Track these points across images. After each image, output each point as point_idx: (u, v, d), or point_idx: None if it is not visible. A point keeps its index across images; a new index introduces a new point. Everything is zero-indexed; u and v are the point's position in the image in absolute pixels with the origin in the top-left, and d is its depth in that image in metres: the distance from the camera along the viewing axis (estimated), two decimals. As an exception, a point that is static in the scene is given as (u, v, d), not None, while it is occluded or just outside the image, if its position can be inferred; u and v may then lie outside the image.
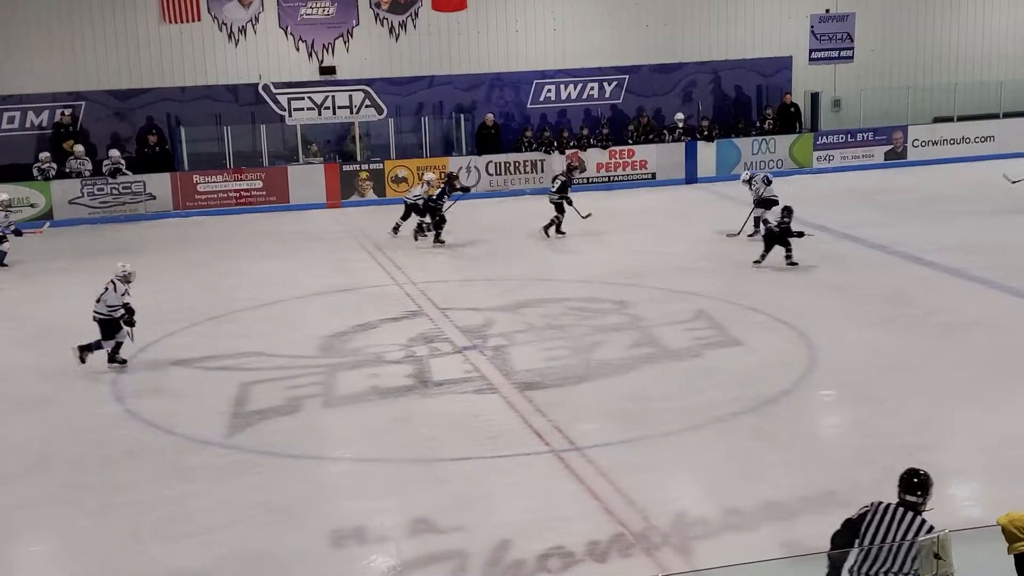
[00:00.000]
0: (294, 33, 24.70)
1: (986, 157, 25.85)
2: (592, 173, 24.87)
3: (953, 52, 28.04)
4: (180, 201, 23.28)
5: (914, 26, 27.75)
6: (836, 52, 27.04)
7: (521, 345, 13.57)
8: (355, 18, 24.94)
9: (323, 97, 24.75)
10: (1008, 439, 10.17)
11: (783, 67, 26.79)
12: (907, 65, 27.72)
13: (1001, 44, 28.22)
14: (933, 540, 4.63)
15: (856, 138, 26.10)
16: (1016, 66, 28.05)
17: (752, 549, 8.04)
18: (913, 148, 26.18)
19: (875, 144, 26.22)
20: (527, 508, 9.10)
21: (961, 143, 26.44)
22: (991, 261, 16.52)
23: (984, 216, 19.96)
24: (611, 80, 25.99)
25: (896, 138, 26.21)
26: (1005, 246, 17.50)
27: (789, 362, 12.57)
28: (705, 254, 18.19)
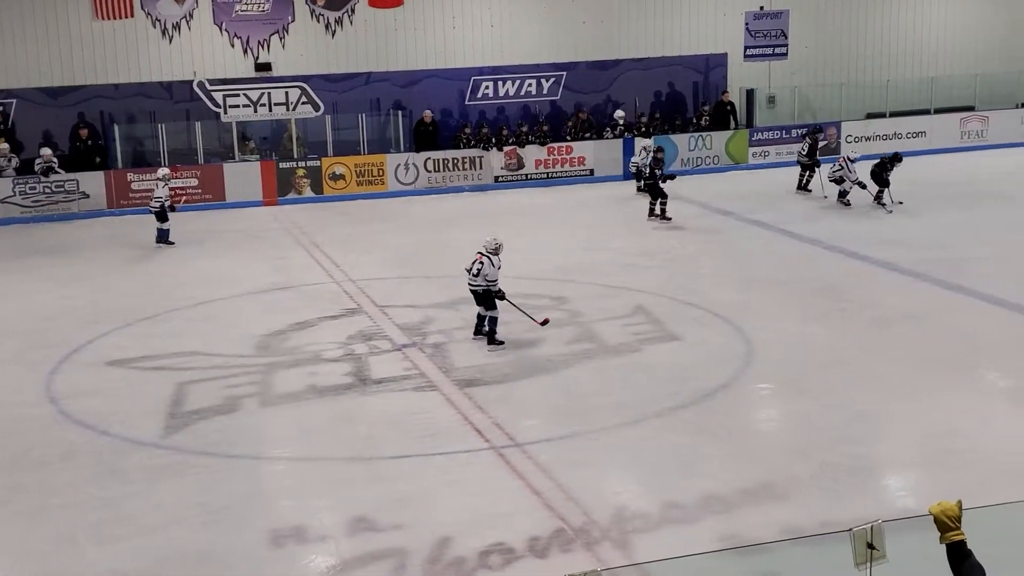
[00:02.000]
0: (229, 30, 24.46)
1: (918, 152, 26.22)
2: (531, 169, 24.89)
3: (885, 49, 28.44)
4: (114, 200, 22.96)
5: (846, 23, 28.11)
6: (771, 49, 27.31)
7: (460, 342, 13.56)
8: (291, 14, 24.75)
9: (259, 94, 24.52)
10: (940, 431, 10.34)
11: (719, 64, 27.02)
12: (840, 62, 28.07)
13: (931, 41, 28.67)
14: (866, 529, 4.69)
15: (791, 134, 26.37)
16: (946, 62, 28.51)
17: (691, 542, 8.11)
18: (847, 144, 26.50)
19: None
20: (467, 505, 9.10)
21: (893, 139, 26.82)
22: (923, 255, 16.79)
23: (916, 210, 20.27)
24: (549, 77, 26.04)
25: (830, 134, 26.52)
26: (936, 240, 17.79)
27: (726, 356, 12.68)
28: (643, 250, 18.29)
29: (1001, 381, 11.95)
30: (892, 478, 9.74)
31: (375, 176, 24.12)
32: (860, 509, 8.14)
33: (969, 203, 20.68)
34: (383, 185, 24.14)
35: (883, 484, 9.59)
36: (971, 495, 8.32)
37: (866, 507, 8.20)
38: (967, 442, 10.05)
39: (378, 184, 24.12)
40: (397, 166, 24.18)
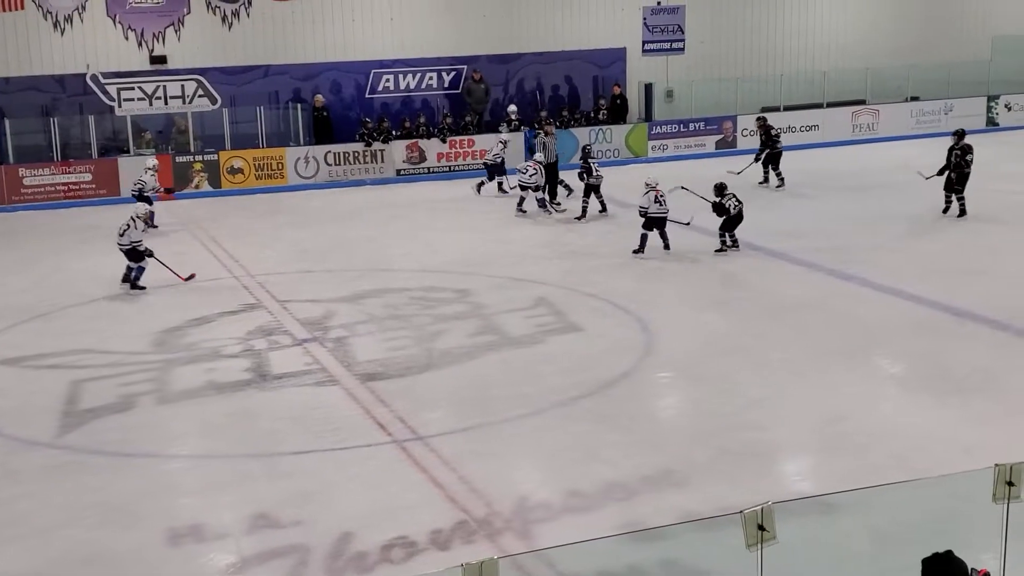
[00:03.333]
0: (123, 22, 23.96)
1: (811, 145, 26.80)
2: (432, 163, 24.85)
3: (778, 44, 28.97)
4: (5, 195, 22.36)
5: (741, 19, 28.57)
6: (668, 44, 27.59)
7: (362, 336, 13.49)
8: (186, 6, 24.33)
9: (154, 87, 24.09)
10: (833, 415, 10.58)
11: (617, 58, 27.27)
12: (735, 57, 28.53)
13: (823, 36, 29.28)
14: (757, 512, 4.78)
15: (689, 128, 26.73)
16: (837, 57, 29.12)
17: (593, 529, 8.19)
18: (743, 137, 26.94)
19: (707, 134, 26.91)
20: (369, 499, 9.07)
21: (788, 132, 27.27)
22: (815, 244, 17.14)
23: (809, 202, 20.69)
24: (450, 70, 26.02)
25: (726, 128, 26.94)
26: (828, 230, 18.17)
27: (627, 346, 12.81)
28: (544, 242, 18.38)
29: (891, 367, 12.28)
30: (787, 462, 9.94)
31: (274, 170, 23.86)
32: (756, 493, 8.28)
33: (860, 194, 21.16)
34: (283, 179, 23.90)
35: (778, 468, 9.78)
36: (862, 477, 8.57)
37: (762, 491, 8.34)
38: (858, 426, 10.30)
39: (277, 178, 23.86)
40: (297, 159, 23.95)
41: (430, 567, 7.85)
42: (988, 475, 5.76)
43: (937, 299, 14.05)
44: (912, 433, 10.08)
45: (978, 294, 14.17)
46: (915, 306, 14.00)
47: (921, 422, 10.37)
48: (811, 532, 6.96)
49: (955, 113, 28.45)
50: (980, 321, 13.22)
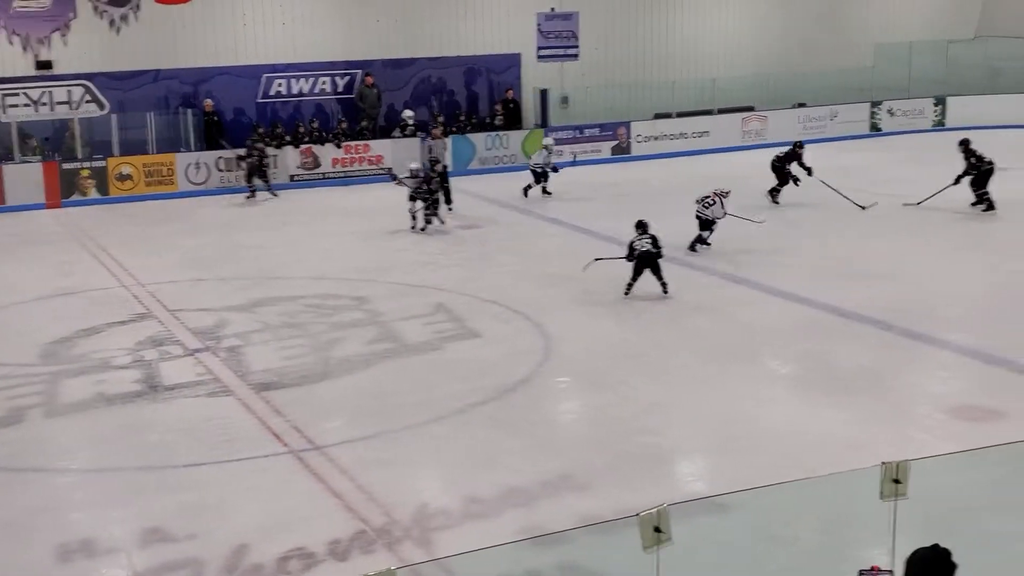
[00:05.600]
0: (7, 26, 23.25)
1: (703, 151, 27.21)
2: (327, 169, 24.62)
3: (670, 51, 29.33)
4: None
5: (633, 26, 28.86)
6: (562, 50, 27.77)
7: (257, 345, 13.31)
8: (72, 11, 23.71)
9: (40, 93, 23.42)
10: (727, 417, 10.75)
11: (512, 64, 27.35)
12: (629, 63, 28.80)
13: (713, 43, 29.72)
14: (652, 514, 4.83)
15: (584, 133, 26.92)
16: (727, 64, 29.57)
17: (493, 535, 8.18)
18: (637, 143, 27.24)
19: (602, 139, 27.12)
20: (265, 511, 8.94)
21: (680, 138, 27.72)
22: (710, 250, 17.39)
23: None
24: (344, 74, 25.82)
25: (620, 133, 27.20)
26: (721, 236, 18.41)
27: (526, 352, 12.85)
28: (442, 248, 18.34)
29: (782, 368, 12.53)
30: (683, 464, 10.08)
31: (164, 176, 23.39)
32: (654, 495, 8.35)
33: (752, 200, 21.50)
34: (173, 185, 23.43)
35: (675, 470, 9.91)
36: (755, 478, 8.71)
37: (659, 493, 8.42)
38: (751, 427, 10.49)
39: (168, 184, 23.40)
40: (188, 165, 23.52)
41: (328, 579, 7.78)
42: (875, 473, 5.91)
43: (826, 301, 14.37)
44: (802, 433, 10.30)
45: (864, 296, 14.52)
46: (805, 309, 14.30)
47: (811, 422, 10.59)
48: (706, 532, 7.06)
49: (840, 119, 29.15)
50: (867, 322, 13.55)
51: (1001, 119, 29.05)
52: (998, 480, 8.30)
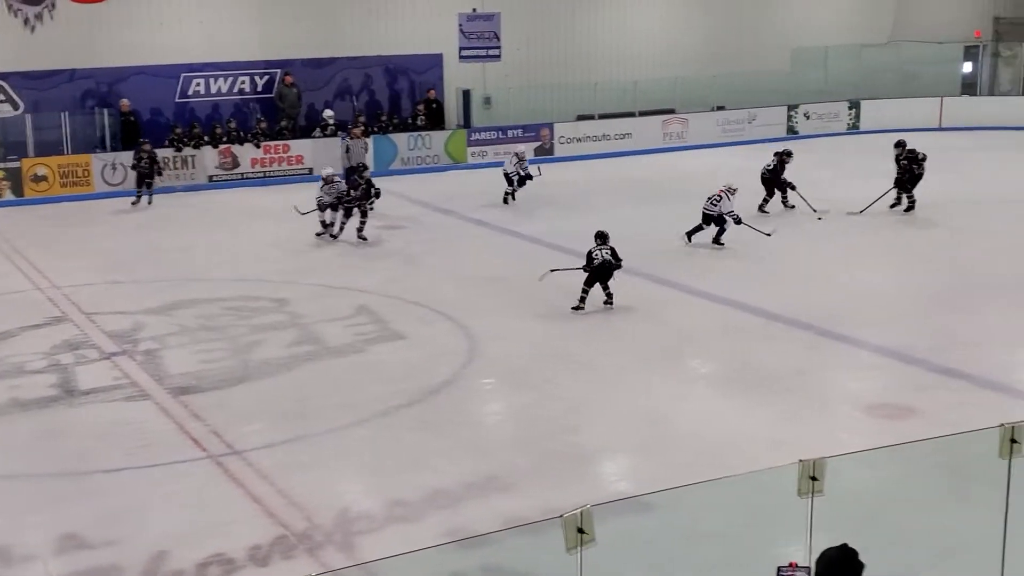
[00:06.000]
0: (-85, 24, 22.68)
1: (625, 153, 27.39)
2: (246, 169, 24.34)
3: (592, 53, 29.47)
4: None
5: (556, 27, 28.95)
6: (484, 51, 27.73)
7: (174, 348, 13.11)
8: (-16, 8, 23.20)
9: (-50, 92, 22.90)
10: (651, 417, 10.84)
11: (434, 64, 27.29)
12: (551, 65, 28.87)
13: (634, 46, 29.91)
14: (576, 515, 4.84)
15: (507, 134, 26.94)
16: (648, 67, 29.77)
17: (417, 538, 8.13)
18: (560, 144, 27.34)
19: (525, 140, 27.11)
20: (184, 517, 8.81)
21: (602, 139, 27.87)
22: (634, 250, 17.43)
23: (624, 208, 21.09)
24: (263, 74, 25.54)
25: (543, 135, 27.28)
26: (643, 236, 18.55)
27: (450, 353, 12.82)
28: (365, 250, 18.21)
29: (704, 368, 12.65)
30: (608, 463, 10.13)
31: (80, 177, 22.95)
32: (578, 495, 8.38)
33: (672, 201, 21.69)
34: (89, 186, 22.99)
35: (600, 470, 9.96)
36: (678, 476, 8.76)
37: (584, 493, 8.44)
38: (675, 426, 10.58)
39: (84, 185, 22.95)
40: (104, 166, 23.09)
41: (249, 584, 7.69)
42: (793, 470, 5.98)
43: (747, 302, 14.54)
44: (724, 431, 10.40)
45: (785, 297, 14.71)
46: (728, 309, 14.45)
47: (733, 421, 10.71)
48: (630, 531, 7.10)
49: (758, 122, 29.51)
50: (787, 323, 13.74)
51: (913, 123, 29.67)
52: (912, 476, 8.45)
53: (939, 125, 30.26)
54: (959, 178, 19.85)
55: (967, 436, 7.61)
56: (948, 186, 19.23)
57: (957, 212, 19.30)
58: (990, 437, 6.34)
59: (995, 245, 17.72)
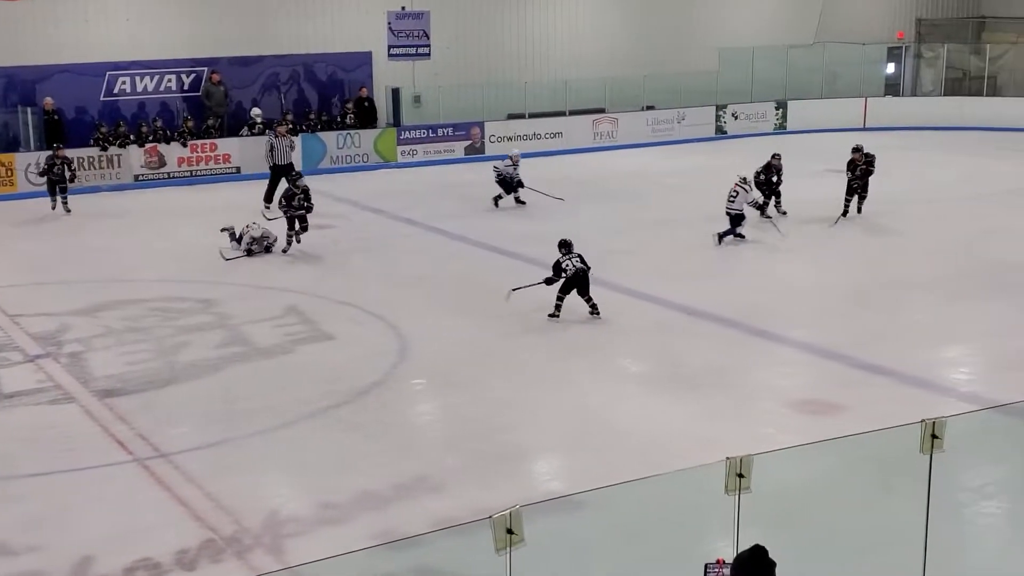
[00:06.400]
0: None
1: (555, 152, 27.48)
2: (173, 168, 24.04)
3: (522, 52, 29.52)
4: None
5: (485, 26, 28.94)
6: (414, 49, 27.71)
7: (100, 350, 12.91)
8: (-99, 2, 22.64)
9: None
10: (580, 415, 10.89)
11: (363, 62, 27.15)
12: (481, 63, 28.86)
13: (565, 45, 30.00)
14: (505, 516, 4.86)
15: (437, 133, 26.91)
16: (578, 66, 29.84)
17: (347, 540, 8.10)
18: (490, 143, 27.35)
19: (455, 139, 27.15)
20: (110, 521, 8.68)
21: (533, 139, 27.93)
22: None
23: (555, 207, 21.15)
24: (189, 72, 25.22)
25: (474, 133, 27.28)
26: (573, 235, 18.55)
27: (380, 353, 12.76)
28: (293, 249, 18.04)
29: (632, 366, 12.73)
30: (538, 463, 10.16)
31: (4, 176, 22.49)
32: (509, 495, 8.39)
33: (603, 200, 21.84)
34: (13, 186, 22.53)
35: (529, 469, 9.98)
36: (607, 474, 8.81)
37: (514, 493, 8.47)
38: (604, 425, 10.63)
39: (7, 185, 22.50)
40: (28, 165, 22.65)
41: (177, 589, 7.60)
42: (721, 468, 6.05)
43: (674, 300, 14.66)
44: (653, 429, 10.49)
45: (711, 295, 14.85)
46: (655, 307, 14.57)
47: (662, 419, 10.80)
48: (561, 531, 7.12)
49: (687, 122, 29.80)
50: (713, 320, 13.88)
51: (838, 123, 30.18)
52: (837, 472, 8.59)
53: (863, 125, 30.79)
54: (883, 178, 20.14)
55: (890, 432, 7.73)
56: (872, 186, 19.49)
57: (881, 211, 19.59)
58: (912, 433, 6.46)
59: (917, 244, 18.08)
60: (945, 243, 17.78)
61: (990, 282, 15.57)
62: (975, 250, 17.47)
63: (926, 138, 29.12)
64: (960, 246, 17.64)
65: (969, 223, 18.70)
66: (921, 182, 23.32)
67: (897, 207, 20.27)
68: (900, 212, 20.03)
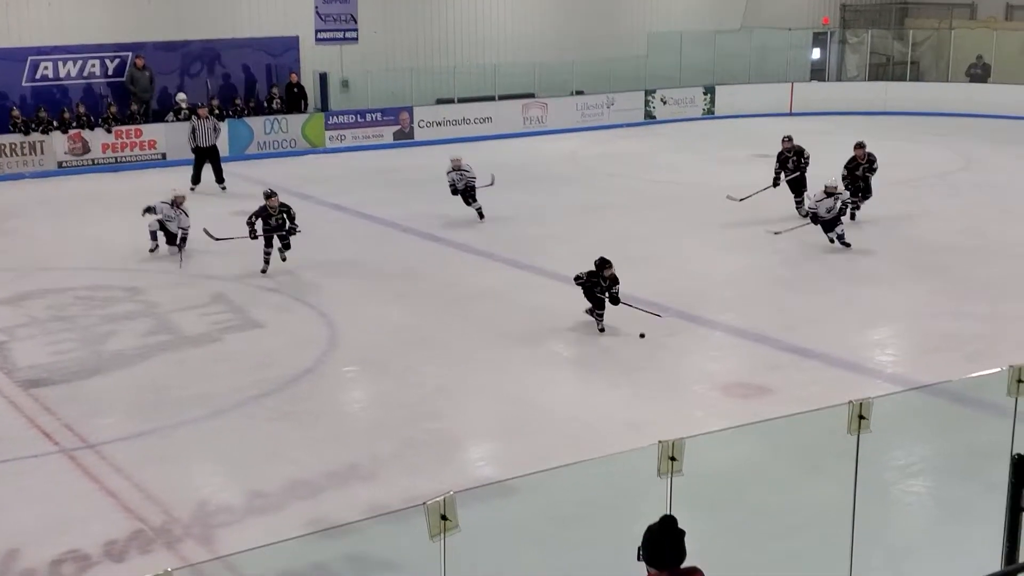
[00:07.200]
0: None
1: (484, 137, 27.42)
2: (97, 155, 23.60)
3: (450, 36, 29.38)
4: None
5: (413, 10, 28.73)
6: (341, 33, 27.46)
7: (23, 340, 12.66)
8: None
9: None
10: (514, 401, 10.91)
11: (290, 47, 26.84)
12: (409, 48, 28.67)
13: (494, 29, 29.91)
14: (439, 502, 4.85)
15: (366, 118, 26.71)
16: (507, 51, 29.79)
17: (278, 530, 8.06)
18: (419, 128, 27.23)
19: (384, 124, 26.96)
20: (35, 513, 8.53)
21: (462, 123, 27.84)
22: (493, 236, 17.56)
23: (485, 192, 21.08)
24: (113, 57, 24.75)
25: (403, 118, 27.13)
26: (503, 220, 18.65)
27: (310, 341, 12.67)
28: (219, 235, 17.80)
29: (564, 351, 12.77)
30: (471, 449, 10.16)
31: (-81, 163, 21.99)
32: (442, 482, 8.40)
33: (533, 185, 21.86)
34: (-70, 173, 22.05)
35: (463, 456, 9.97)
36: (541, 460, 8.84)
37: (448, 479, 8.48)
38: (537, 410, 10.67)
39: (-77, 172, 22.00)
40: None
41: (105, 581, 7.49)
42: (653, 452, 6.08)
43: (605, 285, 14.70)
44: (584, 414, 10.54)
45: (641, 279, 14.90)
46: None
47: (594, 403, 10.86)
48: (495, 516, 7.13)
49: (616, 107, 29.88)
50: (643, 304, 13.94)
51: (765, 108, 30.50)
52: (766, 453, 8.70)
53: (790, 110, 31.15)
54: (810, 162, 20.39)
55: (818, 413, 7.83)
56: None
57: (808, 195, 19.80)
58: (839, 414, 6.55)
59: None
60: (868, 227, 18.04)
61: (914, 265, 15.85)
62: (898, 233, 17.77)
63: (850, 123, 29.47)
64: (883, 230, 17.93)
65: (892, 206, 18.98)
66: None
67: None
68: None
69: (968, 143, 26.06)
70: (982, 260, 16.03)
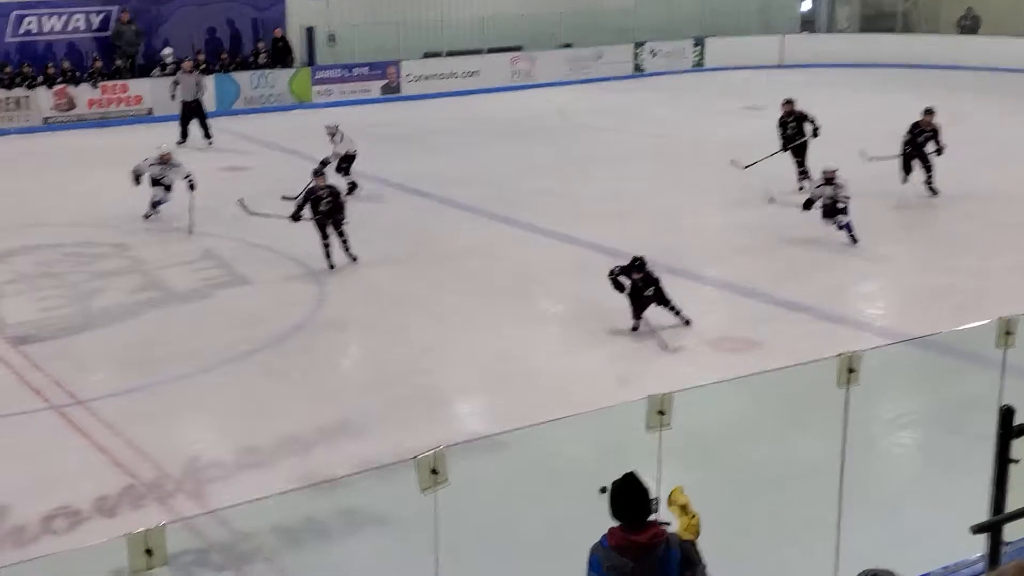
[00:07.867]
0: None
1: (472, 91, 27.26)
2: (83, 111, 23.42)
3: (438, -13, 29.11)
4: None
5: (401, -38, 28.49)
6: (329, -14, 27.25)
7: (12, 296, 12.65)
8: None
9: None
10: (501, 357, 10.92)
11: (277, 1, 26.61)
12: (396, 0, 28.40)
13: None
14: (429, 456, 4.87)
15: (353, 73, 26.54)
16: (495, 3, 29.52)
17: (269, 484, 8.04)
18: (407, 83, 27.06)
19: (371, 79, 26.80)
20: (26, 469, 8.55)
21: (450, 77, 27.67)
22: (480, 191, 17.49)
23: (473, 147, 21.08)
24: (99, 12, 24.50)
25: (390, 73, 26.95)
26: (491, 175, 18.60)
27: (299, 298, 12.67)
28: (209, 191, 17.64)
29: (552, 307, 12.78)
30: (460, 405, 10.20)
31: (-98, 119, 21.80)
32: (431, 436, 8.40)
33: (520, 140, 21.77)
34: (-86, 129, 21.86)
35: (452, 411, 10.01)
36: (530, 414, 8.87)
37: (436, 434, 8.47)
38: (524, 365, 10.69)
39: (-93, 128, 21.82)
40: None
41: (96, 536, 7.49)
42: (642, 406, 6.10)
43: (592, 240, 14.68)
44: (573, 369, 10.57)
45: (628, 234, 14.87)
46: (573, 248, 14.59)
47: (581, 358, 10.89)
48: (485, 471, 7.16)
49: (605, 60, 29.70)
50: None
51: (756, 60, 30.34)
52: (755, 407, 8.74)
53: (780, 63, 30.98)
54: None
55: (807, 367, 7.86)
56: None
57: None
58: (829, 367, 6.57)
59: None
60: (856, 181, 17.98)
61: (900, 219, 15.86)
62: (885, 187, 17.74)
63: (841, 75, 29.37)
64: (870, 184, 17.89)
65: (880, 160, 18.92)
66: (837, 119, 23.50)
67: (812, 142, 20.42)
68: (814, 147, 20.18)
69: (956, 95, 25.96)
70: (970, 214, 16.04)
